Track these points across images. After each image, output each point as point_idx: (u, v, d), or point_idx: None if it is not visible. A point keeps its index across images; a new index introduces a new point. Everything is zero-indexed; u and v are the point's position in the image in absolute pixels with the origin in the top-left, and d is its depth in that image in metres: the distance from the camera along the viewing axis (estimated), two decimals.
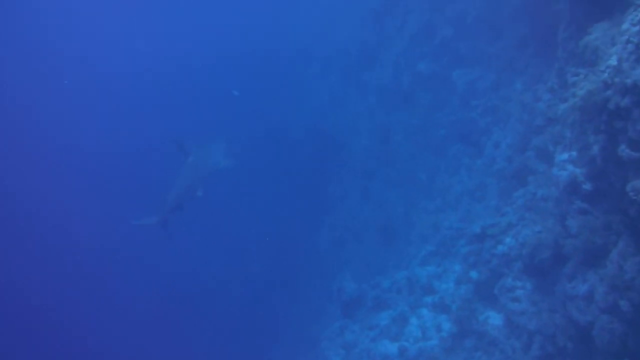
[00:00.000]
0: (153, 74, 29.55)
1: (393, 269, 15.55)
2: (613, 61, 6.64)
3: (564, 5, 10.68)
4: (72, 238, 25.47)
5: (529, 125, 12.42)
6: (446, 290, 12.61)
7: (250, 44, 28.81)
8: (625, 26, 6.51)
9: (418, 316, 12.79)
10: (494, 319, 10.61)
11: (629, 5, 6.65)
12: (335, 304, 15.91)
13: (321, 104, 23.61)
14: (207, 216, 22.48)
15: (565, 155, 8.60)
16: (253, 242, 23.24)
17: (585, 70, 7.94)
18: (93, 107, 30.22)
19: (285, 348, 18.72)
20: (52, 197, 26.46)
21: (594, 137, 7.43)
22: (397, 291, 14.08)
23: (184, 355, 21.66)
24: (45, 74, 29.54)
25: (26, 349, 22.92)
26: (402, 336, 12.67)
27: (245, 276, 22.15)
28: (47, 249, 25.65)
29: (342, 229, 20.17)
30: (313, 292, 19.03)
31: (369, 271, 16.91)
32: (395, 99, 19.40)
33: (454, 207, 15.42)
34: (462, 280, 12.18)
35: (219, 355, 20.98)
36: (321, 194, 21.89)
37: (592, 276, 7.65)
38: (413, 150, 18.32)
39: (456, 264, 12.88)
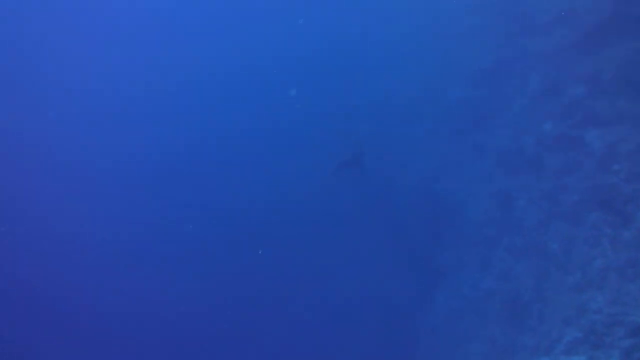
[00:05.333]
0: None
1: (528, 353, 13.95)
2: None
3: None
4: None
5: None
6: None
7: (360, 98, 28.53)
8: None
9: None
10: None
11: None
12: None
13: (432, 165, 22.77)
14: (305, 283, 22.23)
15: None
16: (359, 314, 22.32)
17: None
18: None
19: None
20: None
21: None
22: None
23: None
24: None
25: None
26: None
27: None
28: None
29: (460, 300, 18.79)
30: None
31: (494, 350, 15.41)
32: (516, 161, 18.19)
33: (599, 285, 13.68)
34: None
35: None
36: (433, 263, 20.74)
37: None
38: (541, 217, 16.82)
39: (614, 357, 11.17)
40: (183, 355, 22.98)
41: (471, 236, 19.31)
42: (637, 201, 13.53)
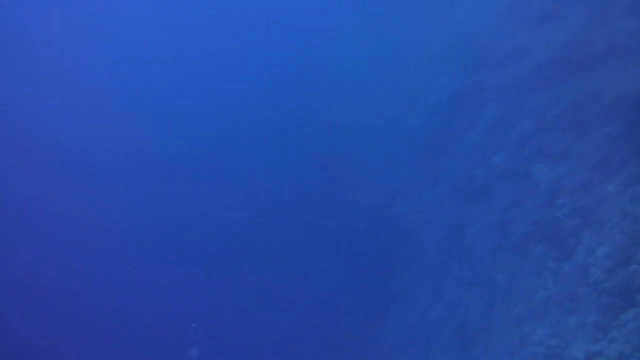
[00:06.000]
0: None
1: None
2: None
3: None
4: None
5: (632, 236, 11.22)
6: None
7: (320, 123, 28.78)
8: None
9: None
10: None
11: None
12: None
13: (387, 191, 23.02)
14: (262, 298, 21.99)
15: None
16: (310, 333, 22.17)
17: None
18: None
19: None
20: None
21: None
22: None
23: None
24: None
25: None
26: None
27: None
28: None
29: (409, 327, 18.87)
30: None
31: None
32: (468, 191, 18.57)
33: (541, 316, 13.97)
34: None
35: None
36: (384, 286, 20.84)
37: None
38: (489, 248, 17.16)
39: None
40: None
41: (423, 263, 19.52)
42: (577, 236, 13.94)
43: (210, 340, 23.81)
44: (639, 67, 13.44)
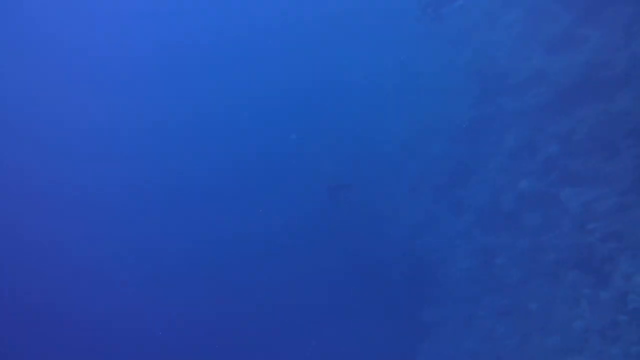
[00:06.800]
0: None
1: None
2: None
3: None
4: None
5: None
6: None
7: (340, 157, 29.04)
8: None
9: None
10: None
11: None
12: None
13: (414, 220, 22.72)
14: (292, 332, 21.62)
15: None
16: None
17: None
18: None
19: None
20: None
21: None
22: None
23: None
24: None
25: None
26: None
27: None
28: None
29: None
30: None
31: None
32: (494, 218, 18.19)
33: (580, 347, 13.41)
34: None
35: None
36: (416, 319, 20.34)
37: None
38: (520, 276, 16.66)
39: None
40: None
41: (453, 293, 19.04)
42: (613, 261, 13.45)
43: None
44: None
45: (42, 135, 29.28)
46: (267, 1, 31.20)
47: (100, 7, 29.44)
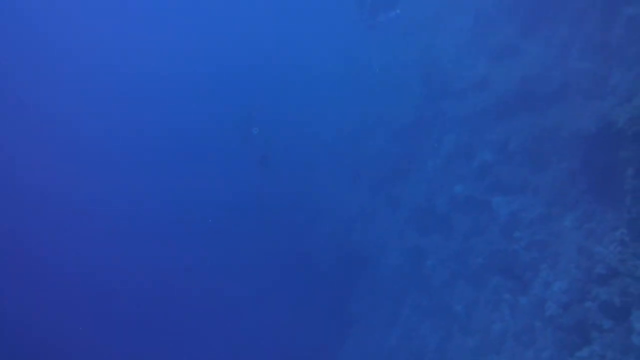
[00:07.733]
0: None
1: None
2: None
3: (629, 153, 10.12)
4: None
5: (588, 272, 11.36)
6: None
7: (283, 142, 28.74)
8: None
9: None
10: None
11: None
12: None
13: (349, 215, 22.89)
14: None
15: None
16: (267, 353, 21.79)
17: None
18: None
19: None
20: None
21: None
22: None
23: None
24: None
25: None
26: None
27: None
28: None
29: (365, 354, 18.61)
30: None
31: None
32: (428, 219, 18.61)
33: (497, 349, 14.01)
34: None
35: None
36: (344, 311, 20.61)
37: None
38: (447, 278, 17.17)
39: None
40: None
41: (381, 290, 19.39)
42: (534, 269, 14.09)
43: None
44: (593, 106, 13.76)
45: None
46: None
47: (100, 8, 30.39)
